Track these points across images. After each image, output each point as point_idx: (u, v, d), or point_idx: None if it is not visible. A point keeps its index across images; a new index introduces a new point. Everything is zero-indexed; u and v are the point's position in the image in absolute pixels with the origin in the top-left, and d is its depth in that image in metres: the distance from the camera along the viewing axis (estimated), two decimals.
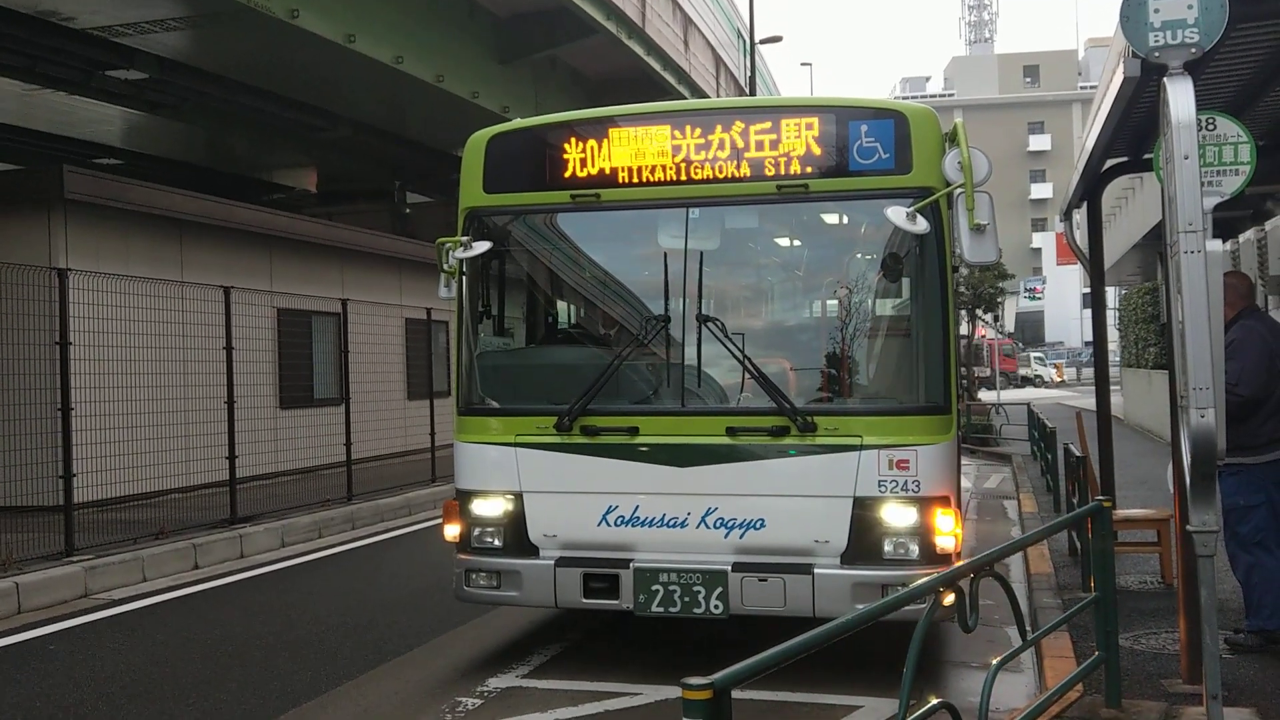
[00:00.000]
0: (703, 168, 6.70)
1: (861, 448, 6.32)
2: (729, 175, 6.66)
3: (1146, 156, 7.46)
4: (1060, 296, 72.73)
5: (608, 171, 6.85)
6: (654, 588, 6.45)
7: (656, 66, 25.42)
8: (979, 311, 31.15)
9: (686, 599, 6.40)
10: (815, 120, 6.60)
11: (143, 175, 19.31)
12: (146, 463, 12.50)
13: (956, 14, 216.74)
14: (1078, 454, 9.91)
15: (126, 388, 12.43)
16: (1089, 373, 54.30)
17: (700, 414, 6.62)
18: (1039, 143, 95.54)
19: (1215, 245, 4.67)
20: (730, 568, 6.38)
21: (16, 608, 9.06)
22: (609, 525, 6.65)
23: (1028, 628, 5.19)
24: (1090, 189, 8.34)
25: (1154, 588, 8.51)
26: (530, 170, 7.11)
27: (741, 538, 6.47)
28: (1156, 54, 4.69)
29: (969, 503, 14.73)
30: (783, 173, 6.59)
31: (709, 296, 6.96)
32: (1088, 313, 57.46)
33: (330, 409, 16.19)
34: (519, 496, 6.82)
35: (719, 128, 6.69)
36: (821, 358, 6.95)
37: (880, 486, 6.29)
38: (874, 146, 6.47)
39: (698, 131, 6.73)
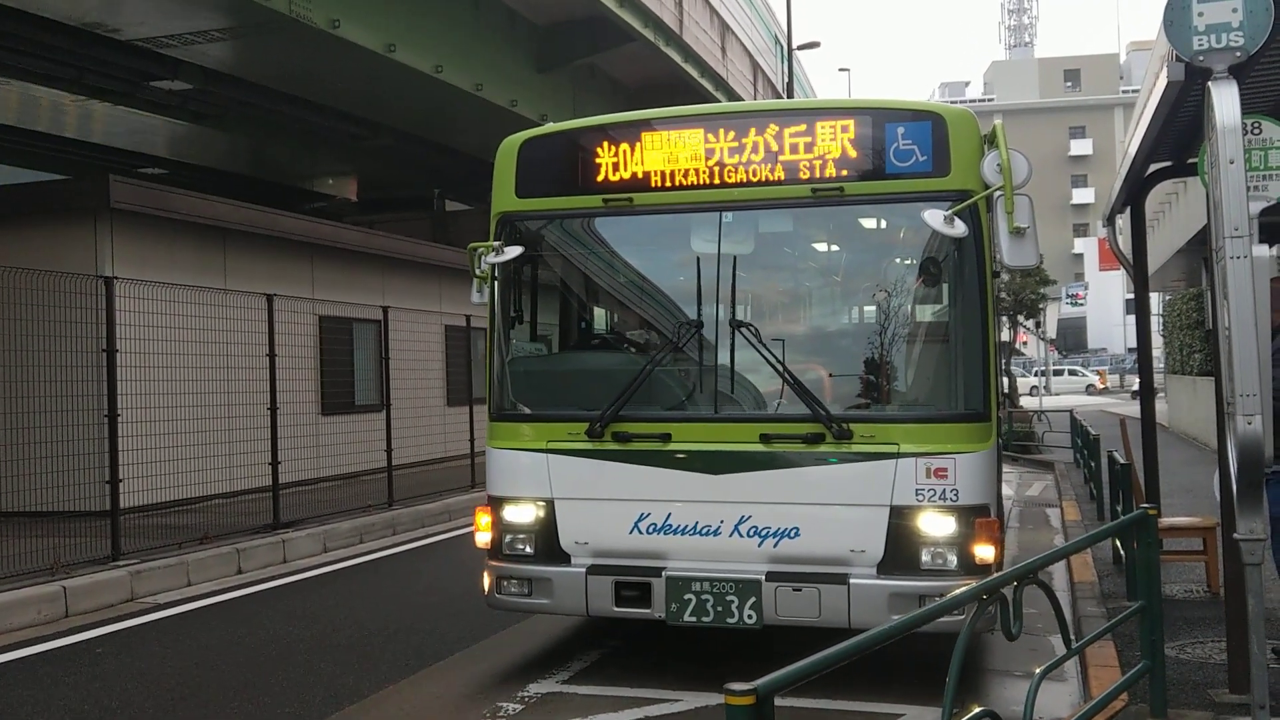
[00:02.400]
0: (736, 171, 6.63)
1: (899, 456, 6.21)
2: (763, 179, 6.59)
3: (1191, 161, 7.39)
4: (1103, 302, 72.04)
5: (640, 175, 6.80)
6: (686, 597, 6.38)
7: (694, 73, 25.44)
8: (1020, 317, 30.87)
9: (719, 608, 6.33)
10: (851, 123, 6.52)
11: (187, 184, 19.53)
12: (191, 468, 12.64)
13: (996, 18, 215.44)
14: (1122, 461, 9.82)
15: (171, 394, 12.58)
16: (1131, 379, 53.79)
17: (734, 421, 6.54)
18: (1080, 147, 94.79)
19: (1262, 250, 4.63)
20: (764, 577, 6.30)
21: (64, 611, 9.19)
22: (641, 533, 6.58)
23: (1071, 636, 5.15)
24: (1133, 194, 8.26)
25: (1199, 596, 8.42)
26: (562, 174, 7.07)
27: (775, 546, 6.38)
28: (1201, 58, 4.66)
29: (1011, 510, 14.61)
30: (818, 176, 6.51)
31: (742, 301, 6.89)
32: (1131, 319, 56.95)
33: (371, 415, 16.30)
34: (550, 503, 6.77)
35: (753, 130, 6.63)
36: (858, 364, 6.84)
37: (918, 495, 6.18)
38: (911, 149, 6.39)
39: (731, 134, 6.66)
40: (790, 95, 32.81)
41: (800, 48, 36.27)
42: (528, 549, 6.84)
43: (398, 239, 20.47)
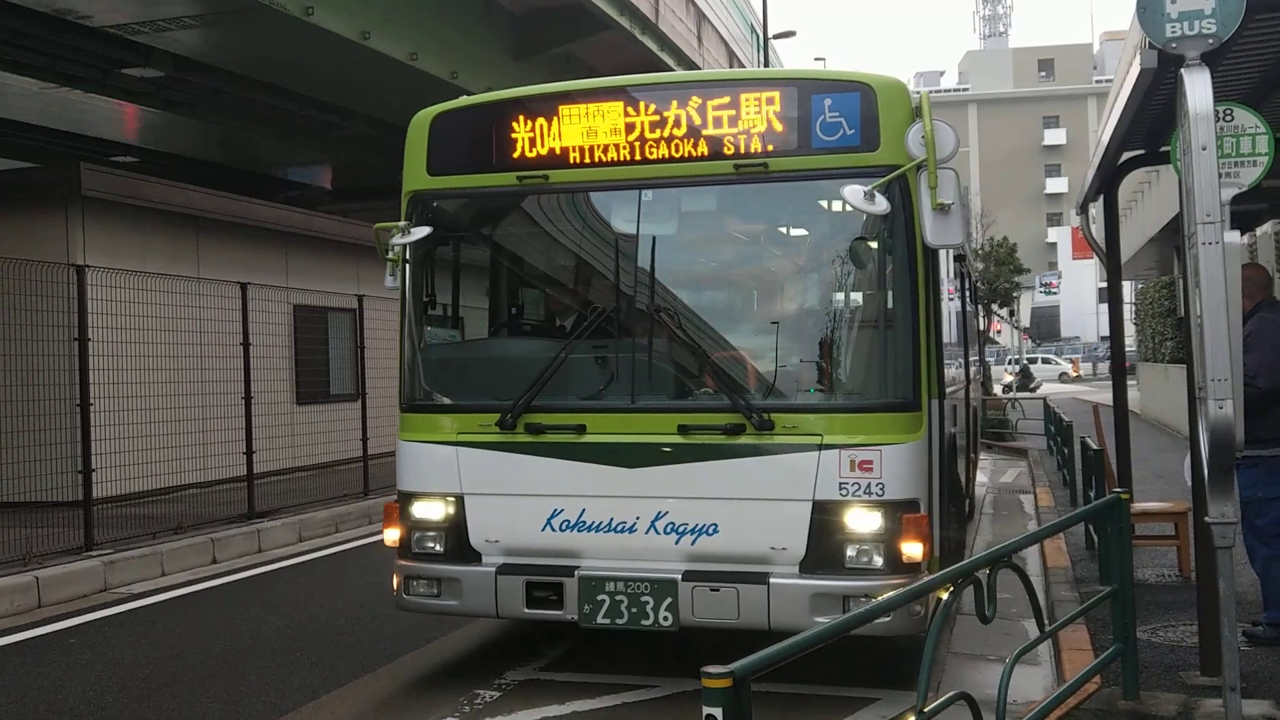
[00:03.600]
0: (658, 146, 6.26)
1: (821, 447, 5.89)
2: (685, 154, 6.24)
3: (1164, 149, 7.43)
4: (1076, 291, 72.52)
5: (558, 151, 6.42)
6: (600, 597, 6.07)
7: (670, 62, 25.40)
8: (995, 306, 31.05)
9: (634, 610, 6.02)
10: (776, 95, 6.15)
11: (159, 173, 19.39)
12: (164, 458, 12.57)
13: (970, 8, 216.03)
14: (1095, 448, 9.90)
15: (144, 384, 12.49)
16: (1105, 367, 54.15)
17: (651, 411, 6.20)
18: (1054, 137, 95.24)
19: (1233, 237, 4.66)
20: (681, 576, 5.99)
21: (37, 602, 9.13)
22: (554, 530, 6.27)
23: (1045, 620, 5.19)
24: (1107, 182, 8.31)
25: (1171, 581, 8.50)
26: (476, 151, 6.70)
27: (693, 544, 6.08)
28: (1174, 45, 4.68)
29: (985, 497, 14.70)
30: (742, 151, 6.15)
31: (662, 284, 6.55)
32: (1104, 307, 57.33)
33: (347, 405, 16.25)
34: (460, 499, 6.46)
35: (674, 103, 6.27)
36: (782, 350, 6.44)
37: (841, 489, 5.86)
38: (838, 122, 6.03)
39: (652, 108, 6.29)
40: None
41: (776, 37, 36.28)
42: (437, 547, 6.53)
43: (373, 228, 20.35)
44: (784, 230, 6.84)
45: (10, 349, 11.51)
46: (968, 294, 12.73)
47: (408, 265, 6.81)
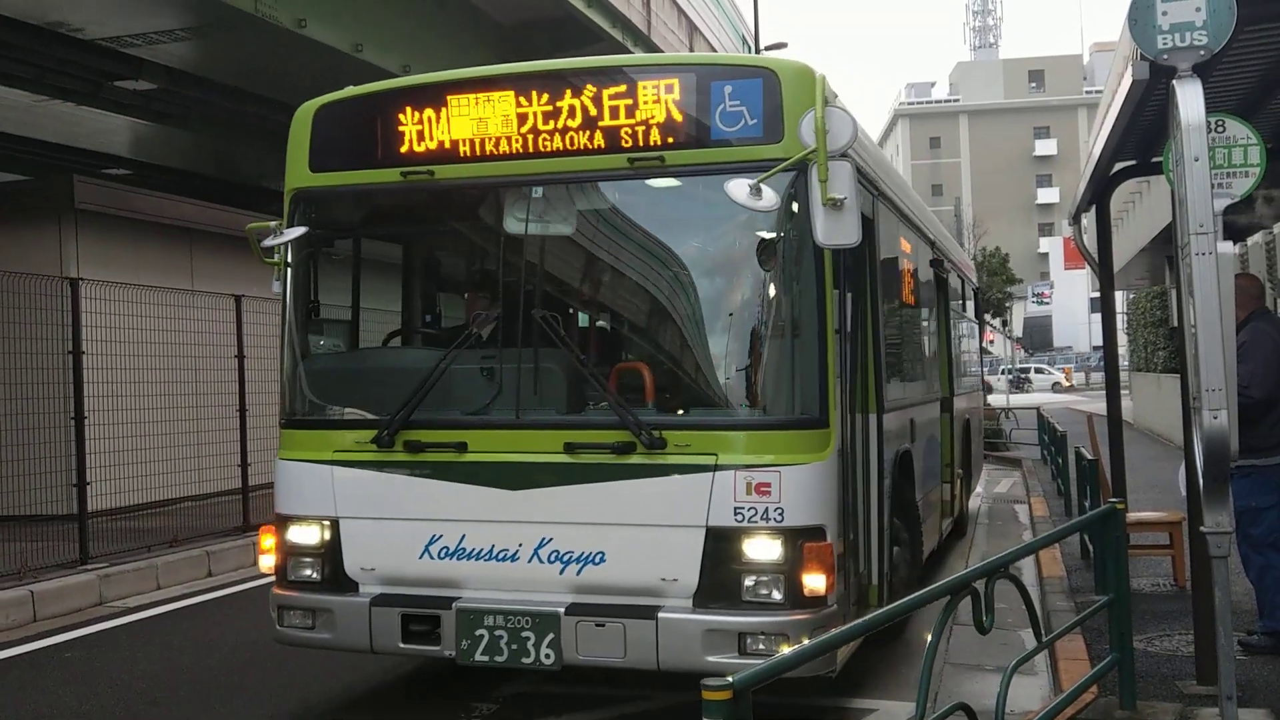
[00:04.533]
0: (551, 139, 5.76)
1: (716, 468, 5.37)
2: (579, 147, 5.73)
3: (1155, 159, 7.47)
4: (1068, 301, 72.70)
5: (448, 145, 5.94)
6: (478, 632, 5.56)
7: None
8: (988, 316, 31.14)
9: (514, 646, 5.51)
10: (675, 82, 5.63)
11: (153, 185, 19.36)
12: (159, 471, 12.53)
13: (961, 20, 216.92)
14: (1089, 457, 9.91)
15: (139, 396, 12.46)
16: (1098, 377, 54.29)
17: (536, 428, 5.72)
18: (1045, 147, 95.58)
19: (1226, 247, 4.69)
20: (564, 610, 5.48)
21: (32, 616, 9.10)
22: (432, 558, 5.78)
23: (1042, 630, 5.20)
24: (1099, 192, 8.34)
25: (1166, 590, 8.51)
26: (361, 145, 6.22)
27: (579, 574, 5.56)
28: (1165, 56, 4.71)
29: (979, 507, 14.71)
30: (640, 144, 5.64)
31: (551, 289, 6.17)
32: (1096, 317, 57.43)
33: None
34: (335, 523, 5.98)
35: (568, 92, 5.75)
36: (676, 361, 6.02)
37: (737, 515, 5.33)
38: (739, 111, 5.52)
39: (545, 97, 5.78)
40: None
41: (768, 49, 36.37)
42: (313, 575, 6.05)
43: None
44: (682, 230, 6.24)
45: (4, 362, 11.48)
46: (955, 303, 12.52)
47: (289, 270, 6.38)
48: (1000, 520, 13.90)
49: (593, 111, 5.72)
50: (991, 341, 38.65)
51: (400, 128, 6.04)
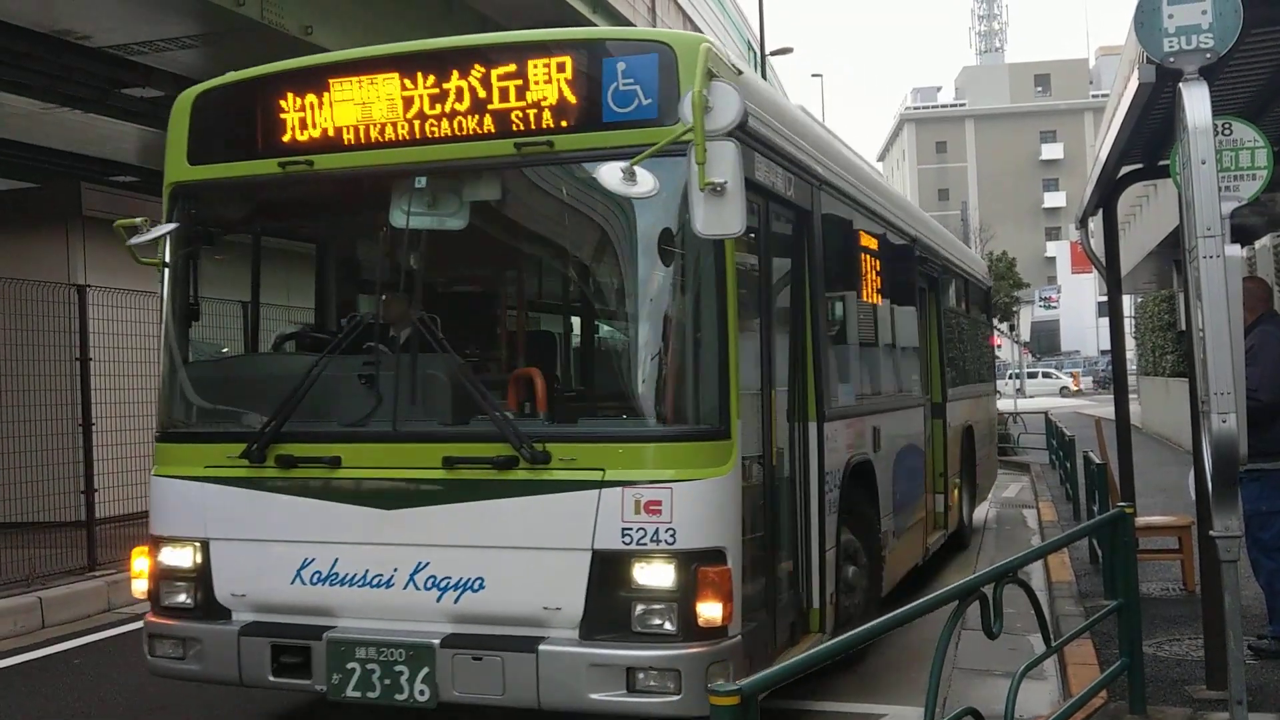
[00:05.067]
0: (439, 124, 5.29)
1: (602, 485, 4.87)
2: (467, 133, 5.26)
3: (1162, 163, 7.47)
4: (1076, 305, 72.64)
5: (330, 133, 5.50)
6: (349, 665, 5.10)
7: None
8: (995, 321, 31.13)
9: (387, 681, 5.05)
10: (567, 60, 5.12)
11: (160, 192, 19.42)
12: None
13: (966, 24, 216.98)
14: (1098, 462, 9.89)
15: (146, 403, 12.44)
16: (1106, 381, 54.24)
17: (414, 440, 5.27)
18: (1051, 151, 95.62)
19: (1234, 250, 4.68)
20: (439, 642, 5.01)
21: (40, 622, 9.11)
22: (304, 583, 5.33)
23: (1051, 635, 5.19)
24: (1106, 196, 8.34)
25: (1175, 594, 8.49)
26: (240, 134, 5.79)
27: (457, 602, 5.08)
28: (1171, 59, 4.71)
29: (987, 512, 14.68)
30: (531, 127, 5.15)
31: (434, 288, 5.78)
32: (1104, 321, 57.40)
33: None
34: (205, 545, 5.55)
35: (455, 73, 5.27)
36: (564, 365, 5.68)
37: (624, 536, 4.82)
38: (633, 90, 5.02)
39: (431, 79, 5.31)
40: None
41: (773, 54, 36.40)
42: (186, 601, 5.61)
43: None
44: (574, 223, 5.80)
45: (12, 369, 11.51)
46: (952, 303, 12.04)
47: (167, 270, 6.00)
48: (1008, 525, 13.87)
49: (481, 94, 5.22)
50: (999, 346, 38.65)
51: (280, 114, 5.60)
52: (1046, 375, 60.04)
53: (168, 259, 5.98)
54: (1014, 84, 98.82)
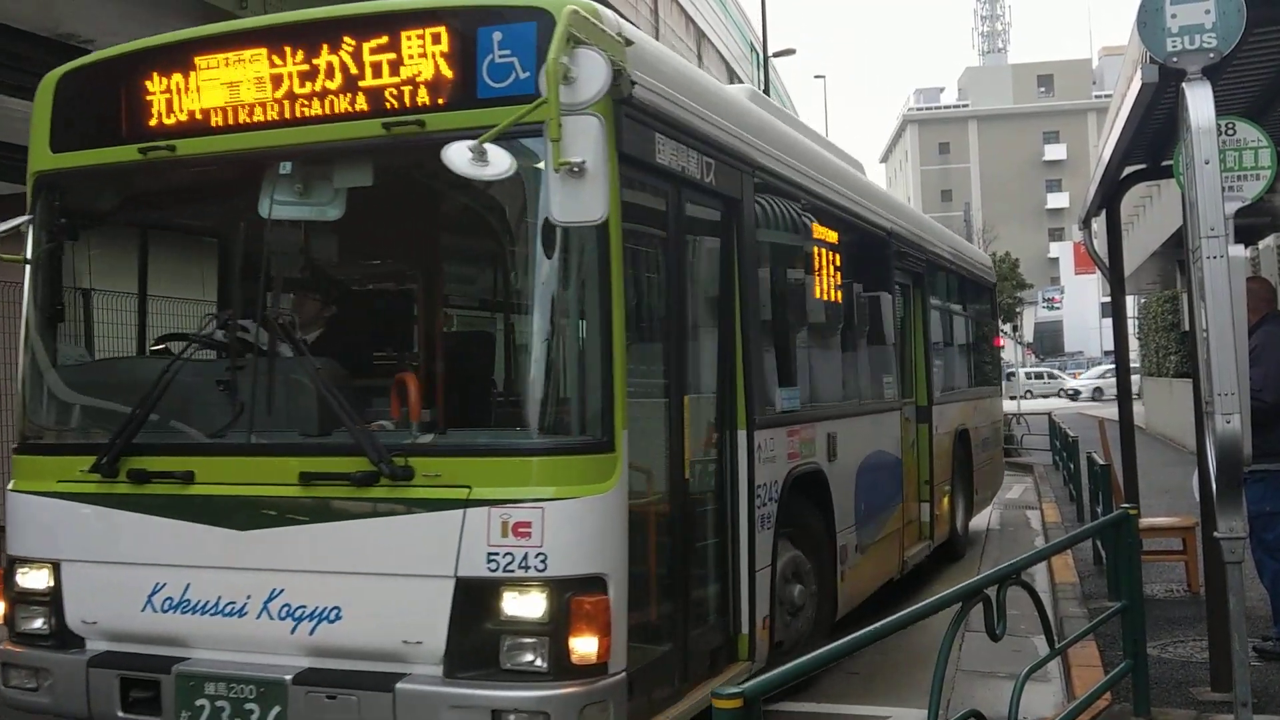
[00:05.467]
0: (309, 103, 4.78)
1: (467, 504, 4.37)
2: (337, 112, 4.75)
3: (1165, 163, 7.45)
4: (1079, 306, 72.66)
5: (197, 115, 5.00)
6: (199, 702, 4.64)
7: None
8: (999, 322, 31.14)
9: None
10: (442, 30, 4.62)
11: None
12: None
13: (969, 24, 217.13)
14: (1101, 463, 9.88)
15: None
16: (1109, 383, 54.20)
17: (270, 453, 4.80)
18: (1054, 152, 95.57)
19: (1238, 250, 4.67)
20: (291, 678, 4.54)
21: None
22: (156, 610, 4.85)
23: (1054, 637, 5.18)
24: (1109, 196, 8.33)
25: (1179, 596, 8.47)
26: (104, 118, 5.30)
27: (312, 634, 4.59)
28: (1175, 59, 4.69)
29: (991, 514, 14.67)
30: (404, 105, 4.65)
31: (295, 284, 5.38)
32: (1107, 322, 57.38)
33: None
34: (57, 567, 5.08)
35: (325, 48, 4.77)
36: (430, 370, 5.15)
37: (490, 562, 4.33)
38: (509, 63, 4.50)
39: (300, 55, 4.81)
40: None
41: (776, 55, 36.39)
42: (41, 628, 5.14)
43: None
44: (449, 212, 5.33)
45: (11, 374, 11.50)
46: (943, 300, 11.35)
47: (28, 267, 5.52)
48: (1012, 526, 13.86)
49: (352, 69, 4.72)
50: (1001, 347, 38.63)
51: (142, 96, 5.13)
52: (1051, 376, 60.00)
53: (29, 254, 5.48)
54: (1017, 84, 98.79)
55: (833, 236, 7.39)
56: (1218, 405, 4.50)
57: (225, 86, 4.95)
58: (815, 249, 7.04)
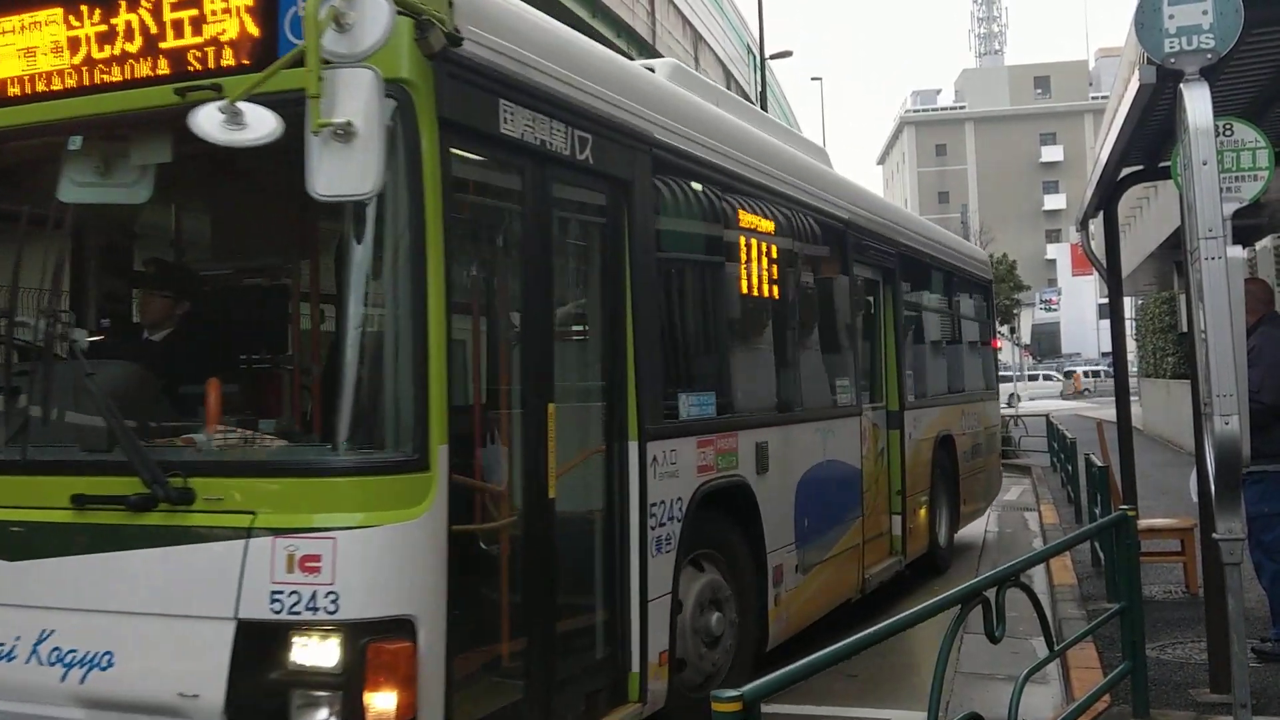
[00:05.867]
0: (109, 69, 4.14)
1: (250, 533, 3.76)
2: (133, 78, 4.12)
3: (1163, 164, 7.45)
4: (1076, 308, 72.73)
5: None
6: None
7: None
8: (996, 323, 31.16)
9: None
10: None
11: None
12: None
13: (966, 26, 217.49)
14: (1099, 464, 9.88)
15: None
16: (1107, 384, 54.27)
17: (41, 472, 4.17)
18: (1051, 154, 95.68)
19: (1236, 251, 4.67)
20: None
21: None
22: None
23: (1053, 638, 5.17)
24: (1106, 198, 8.32)
25: (1178, 597, 8.46)
26: None
27: (83, 682, 3.91)
28: (1172, 60, 4.69)
29: (988, 515, 14.67)
30: (205, 68, 4.00)
31: (80, 278, 4.85)
32: (1104, 323, 57.43)
33: None
34: None
35: (124, 6, 4.12)
36: (218, 374, 4.32)
37: (274, 602, 3.70)
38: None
39: (98, 14, 4.16)
40: (764, 106, 32.93)
41: (773, 57, 36.41)
42: None
43: None
44: (251, 190, 4.75)
45: None
46: (921, 297, 10.64)
47: None
48: (1010, 527, 13.86)
49: (153, 28, 4.09)
50: (999, 349, 38.64)
51: None
52: (1047, 378, 60.05)
53: None
54: (1013, 86, 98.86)
55: (766, 225, 6.75)
56: (1216, 406, 4.50)
57: (20, 53, 4.30)
58: (741, 238, 6.42)
